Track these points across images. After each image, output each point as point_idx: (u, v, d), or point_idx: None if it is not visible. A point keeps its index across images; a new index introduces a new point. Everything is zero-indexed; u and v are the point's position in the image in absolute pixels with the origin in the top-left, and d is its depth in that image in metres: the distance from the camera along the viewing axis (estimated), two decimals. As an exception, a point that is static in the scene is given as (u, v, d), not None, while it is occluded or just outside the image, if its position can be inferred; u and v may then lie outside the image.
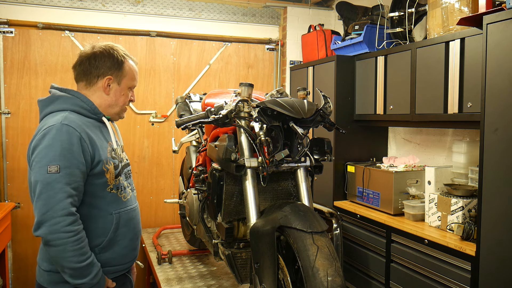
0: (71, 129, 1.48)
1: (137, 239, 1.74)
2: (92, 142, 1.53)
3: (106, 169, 1.57)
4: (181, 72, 4.03)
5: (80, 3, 3.66)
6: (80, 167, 1.47)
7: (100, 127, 1.65)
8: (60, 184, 1.42)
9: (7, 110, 3.51)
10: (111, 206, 1.60)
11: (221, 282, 2.67)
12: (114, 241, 1.61)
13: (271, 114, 1.82)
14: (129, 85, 1.70)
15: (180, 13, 3.98)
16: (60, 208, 1.40)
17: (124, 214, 1.64)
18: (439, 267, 2.25)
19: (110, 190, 1.59)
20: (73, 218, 1.43)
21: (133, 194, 1.76)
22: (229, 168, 1.89)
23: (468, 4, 2.36)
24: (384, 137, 3.47)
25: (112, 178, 1.59)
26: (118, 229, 1.61)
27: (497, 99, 1.91)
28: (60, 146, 1.45)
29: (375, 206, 2.89)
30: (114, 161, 1.62)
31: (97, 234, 1.57)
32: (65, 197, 1.42)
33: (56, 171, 1.42)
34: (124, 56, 1.68)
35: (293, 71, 4.01)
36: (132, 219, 1.69)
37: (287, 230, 1.64)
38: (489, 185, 1.95)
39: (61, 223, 1.40)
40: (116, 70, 1.66)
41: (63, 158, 1.44)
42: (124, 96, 1.70)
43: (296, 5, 4.28)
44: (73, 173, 1.45)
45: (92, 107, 1.62)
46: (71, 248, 1.42)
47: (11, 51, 3.49)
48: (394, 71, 2.86)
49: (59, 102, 1.61)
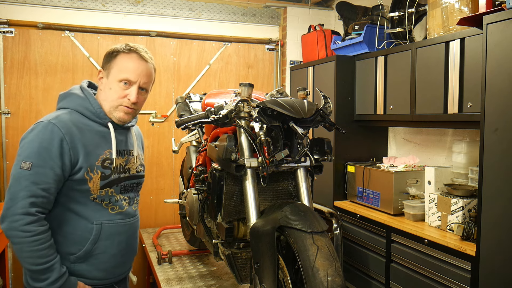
0: (56, 129, 1.42)
1: (122, 256, 1.62)
2: (78, 146, 1.45)
3: (89, 178, 1.48)
4: (181, 72, 4.03)
5: (80, 3, 3.65)
6: (55, 168, 1.41)
7: (102, 133, 1.56)
8: (27, 182, 1.37)
9: (7, 110, 3.51)
10: (94, 215, 1.51)
11: (221, 282, 2.67)
12: (92, 253, 1.52)
13: (271, 114, 1.82)
14: (117, 77, 1.52)
15: (180, 13, 3.98)
16: (20, 206, 1.36)
17: (108, 227, 1.54)
18: (439, 267, 2.25)
19: (93, 200, 1.51)
20: (31, 218, 1.37)
21: (129, 208, 1.63)
22: (229, 168, 1.89)
23: (468, 4, 2.36)
24: (384, 137, 3.47)
25: (96, 188, 1.50)
26: (97, 241, 1.52)
27: (497, 99, 1.91)
28: (39, 143, 1.40)
29: (375, 206, 2.89)
30: (104, 171, 1.51)
31: (73, 241, 1.50)
32: (27, 196, 1.37)
33: (27, 168, 1.38)
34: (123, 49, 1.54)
35: (293, 71, 4.01)
36: (118, 234, 1.58)
37: (287, 230, 1.63)
38: (489, 185, 1.95)
39: (19, 221, 1.36)
40: (107, 61, 1.55)
41: (38, 156, 1.39)
42: (112, 91, 1.53)
43: (296, 5, 4.28)
44: (45, 173, 1.39)
45: (98, 111, 1.54)
46: (27, 248, 1.37)
47: (11, 51, 3.49)
48: (394, 71, 2.86)
49: (68, 99, 1.55)
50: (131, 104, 1.56)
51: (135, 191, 1.68)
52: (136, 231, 1.70)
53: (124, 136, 1.65)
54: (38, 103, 3.58)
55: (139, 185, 1.72)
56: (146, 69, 1.57)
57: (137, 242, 1.72)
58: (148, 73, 1.58)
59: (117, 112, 1.56)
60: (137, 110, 1.62)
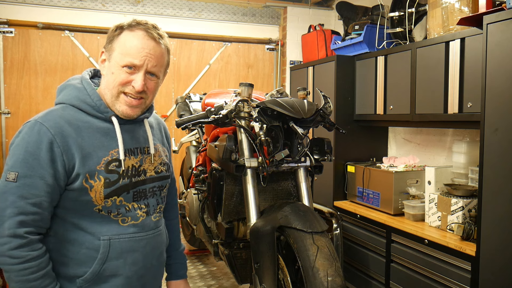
0: (44, 129, 1.16)
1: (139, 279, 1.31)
2: (72, 148, 1.19)
3: (89, 186, 1.20)
4: (181, 72, 4.03)
5: (80, 3, 3.65)
6: (46, 178, 1.15)
7: (103, 130, 1.27)
8: (13, 196, 1.12)
9: (7, 110, 3.51)
10: (100, 229, 1.24)
11: (221, 282, 2.67)
12: (101, 276, 1.24)
13: (271, 114, 1.82)
14: (120, 61, 1.23)
15: (180, 13, 3.98)
16: (7, 227, 1.11)
17: (118, 243, 1.25)
18: (439, 267, 2.25)
19: (99, 211, 1.24)
20: (19, 241, 1.11)
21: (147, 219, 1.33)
22: (229, 168, 1.89)
23: (468, 4, 2.36)
24: (384, 137, 3.47)
25: (99, 198, 1.22)
26: (106, 260, 1.23)
27: (497, 99, 1.91)
28: (25, 149, 1.15)
29: (375, 206, 2.89)
30: (109, 176, 1.23)
31: (79, 261, 1.22)
32: (15, 214, 1.12)
33: (13, 180, 1.13)
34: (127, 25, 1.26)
35: (293, 71, 4.01)
36: (132, 251, 1.28)
37: (287, 230, 1.64)
38: (489, 185, 1.95)
39: (5, 245, 1.11)
40: (110, 40, 1.26)
41: (24, 165, 1.14)
42: (114, 76, 1.24)
43: (296, 5, 4.28)
44: (33, 184, 1.14)
45: (98, 103, 1.26)
46: (15, 278, 1.12)
47: (11, 51, 3.49)
48: (394, 71, 2.86)
49: (65, 92, 1.30)
50: (135, 93, 1.25)
51: (157, 197, 1.37)
52: (159, 247, 1.39)
53: (134, 131, 1.34)
54: (38, 103, 3.59)
55: (162, 188, 1.40)
56: (155, 50, 1.26)
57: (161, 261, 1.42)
58: (157, 54, 1.26)
59: (118, 103, 1.27)
60: (147, 100, 1.30)
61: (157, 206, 1.37)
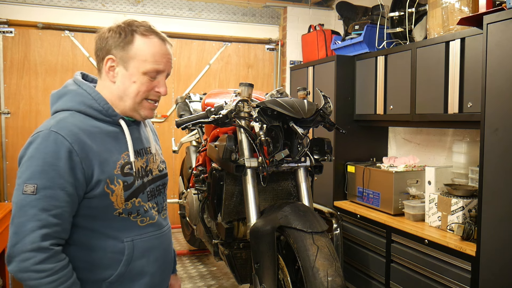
0: (60, 138, 1.15)
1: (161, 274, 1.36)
2: (90, 155, 1.19)
3: (111, 191, 1.21)
4: (181, 72, 4.03)
5: (80, 3, 3.65)
6: (67, 188, 1.14)
7: (112, 134, 1.27)
8: (34, 209, 1.10)
9: (7, 110, 3.51)
10: (121, 232, 1.26)
11: (221, 282, 2.67)
12: (127, 276, 1.26)
13: (271, 114, 1.82)
14: (142, 69, 1.24)
15: (180, 13, 3.98)
16: (30, 241, 1.09)
17: (140, 242, 1.28)
18: (439, 267, 2.25)
19: (119, 215, 1.25)
20: (45, 254, 1.10)
21: (159, 217, 1.37)
22: (229, 168, 1.89)
23: (468, 4, 2.36)
24: (384, 137, 3.47)
25: (120, 202, 1.24)
26: (132, 261, 1.26)
27: (497, 99, 1.91)
28: (43, 159, 1.13)
29: (375, 206, 2.89)
30: (126, 179, 1.25)
31: (104, 266, 1.24)
32: (38, 227, 1.10)
33: (32, 192, 1.11)
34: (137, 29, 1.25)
35: (293, 71, 4.01)
36: (154, 249, 1.33)
37: (287, 230, 1.64)
38: (489, 185, 1.95)
39: (30, 260, 1.09)
40: (120, 48, 1.24)
41: (44, 176, 1.12)
42: (136, 85, 1.25)
43: (296, 5, 4.28)
44: (55, 195, 1.12)
45: (105, 107, 1.26)
46: None
47: (11, 51, 3.50)
48: (394, 71, 2.86)
49: (66, 98, 1.26)
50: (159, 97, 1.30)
51: (162, 195, 1.42)
52: (170, 242, 1.45)
53: (137, 133, 1.37)
54: (38, 103, 3.59)
55: (164, 186, 1.45)
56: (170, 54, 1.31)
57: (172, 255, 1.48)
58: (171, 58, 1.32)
59: (142, 109, 1.29)
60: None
61: (163, 203, 1.42)
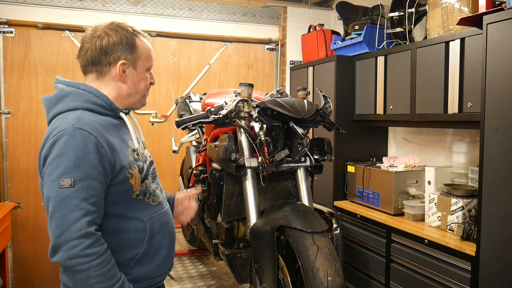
0: (86, 134, 1.26)
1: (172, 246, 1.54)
2: (112, 146, 1.32)
3: (131, 175, 1.36)
4: (181, 72, 4.03)
5: (80, 3, 3.66)
6: (99, 178, 1.27)
7: (118, 125, 1.42)
8: (76, 200, 1.22)
9: (7, 110, 3.51)
10: (140, 213, 1.40)
11: (221, 282, 2.67)
12: (150, 251, 1.42)
13: (271, 114, 1.82)
14: (146, 66, 1.46)
15: (180, 13, 3.98)
16: (77, 229, 1.20)
17: (156, 220, 1.44)
18: (439, 267, 2.25)
19: (137, 197, 1.39)
20: (92, 239, 1.23)
21: (162, 196, 1.54)
22: (229, 168, 1.89)
23: (468, 4, 2.36)
24: (384, 137, 3.47)
25: (138, 184, 1.39)
26: (153, 237, 1.42)
27: (497, 99, 1.91)
28: (74, 154, 1.24)
29: (375, 206, 2.89)
30: (138, 164, 1.40)
31: (130, 246, 1.38)
32: (82, 216, 1.22)
33: (70, 185, 1.22)
34: (134, 33, 1.43)
35: (293, 71, 4.01)
36: (166, 224, 1.50)
37: (287, 230, 1.64)
38: (489, 185, 1.95)
39: (79, 246, 1.20)
40: (129, 52, 1.41)
41: (78, 169, 1.23)
42: (144, 81, 1.46)
43: (296, 5, 4.28)
44: (91, 186, 1.25)
45: (108, 102, 1.39)
46: (95, 273, 1.22)
47: (11, 51, 3.49)
48: (394, 71, 2.86)
49: (69, 99, 1.36)
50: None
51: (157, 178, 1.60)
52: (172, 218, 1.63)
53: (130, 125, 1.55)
54: (38, 103, 3.58)
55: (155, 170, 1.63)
56: None
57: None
58: None
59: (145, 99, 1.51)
60: None
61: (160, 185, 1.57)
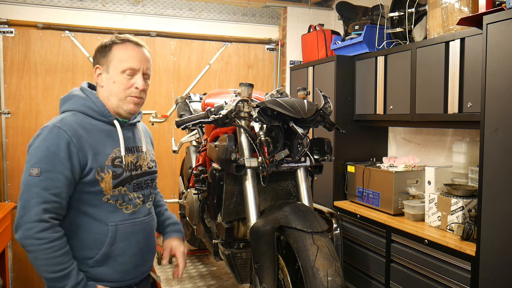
0: (62, 132, 1.40)
1: (142, 256, 1.58)
2: (85, 147, 1.43)
3: (101, 178, 1.45)
4: (181, 72, 4.03)
5: (80, 3, 3.66)
6: (65, 172, 1.39)
7: (109, 131, 1.52)
8: (37, 188, 1.36)
9: (7, 110, 3.51)
10: (108, 217, 1.48)
11: (221, 282, 2.67)
12: (110, 256, 1.49)
13: (271, 114, 1.82)
14: (119, 68, 1.50)
15: (180, 13, 3.98)
16: (34, 213, 1.35)
17: (123, 227, 1.51)
18: (439, 267, 2.25)
19: (107, 201, 1.48)
20: (45, 225, 1.35)
21: (144, 206, 1.60)
22: (229, 168, 1.89)
23: (468, 4, 2.36)
24: (384, 137, 3.47)
25: (109, 188, 1.47)
26: (114, 243, 1.48)
27: (497, 99, 1.91)
28: (46, 148, 1.39)
29: (375, 206, 2.89)
30: (115, 170, 1.48)
31: (90, 245, 1.47)
32: (40, 203, 1.35)
33: (36, 174, 1.37)
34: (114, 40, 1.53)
35: (293, 71, 4.01)
36: (135, 234, 1.54)
37: (287, 230, 1.64)
38: (489, 185, 1.95)
39: (33, 229, 1.34)
40: (102, 56, 1.52)
41: (46, 161, 1.38)
42: (117, 84, 1.50)
43: (296, 5, 4.28)
44: (55, 178, 1.37)
45: (102, 109, 1.51)
46: (42, 256, 1.35)
47: (11, 51, 3.49)
48: (394, 71, 2.86)
49: (71, 101, 1.53)
50: (139, 93, 1.54)
51: (150, 188, 1.64)
52: (153, 229, 1.67)
53: (131, 133, 1.61)
54: (38, 103, 3.59)
55: (153, 181, 1.69)
56: (144, 54, 1.56)
57: (155, 241, 1.69)
58: (147, 58, 1.57)
59: (126, 104, 1.53)
60: (144, 99, 1.60)
61: (149, 195, 1.64)
